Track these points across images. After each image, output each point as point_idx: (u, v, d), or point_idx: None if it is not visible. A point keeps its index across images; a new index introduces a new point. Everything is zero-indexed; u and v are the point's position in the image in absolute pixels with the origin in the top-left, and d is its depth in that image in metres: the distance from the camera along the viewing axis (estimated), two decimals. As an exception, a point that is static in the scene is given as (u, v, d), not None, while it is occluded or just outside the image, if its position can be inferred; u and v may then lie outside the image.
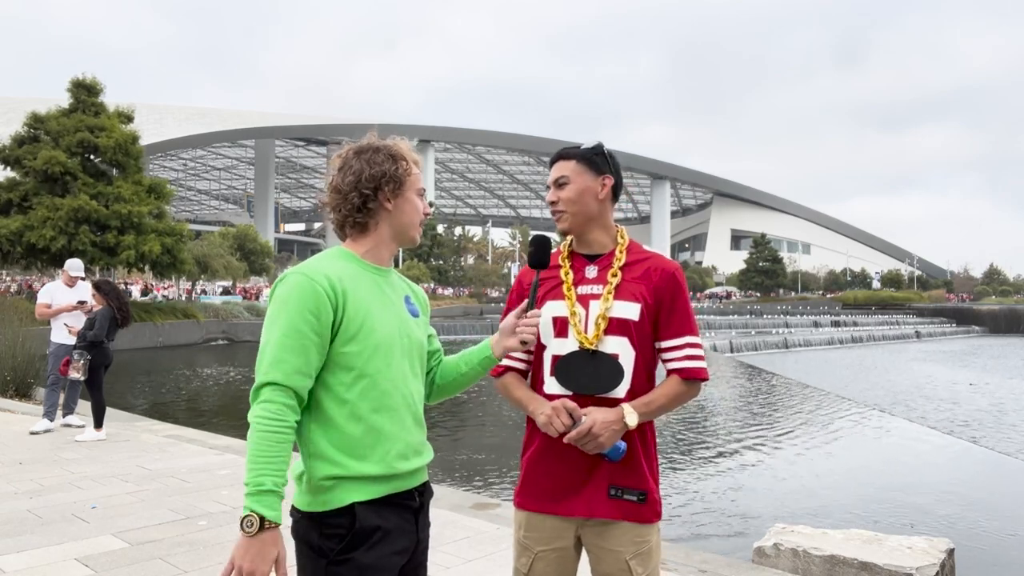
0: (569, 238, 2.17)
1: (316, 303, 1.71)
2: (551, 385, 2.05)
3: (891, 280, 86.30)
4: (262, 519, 1.59)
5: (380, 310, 1.81)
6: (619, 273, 2.06)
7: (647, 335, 2.06)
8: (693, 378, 2.07)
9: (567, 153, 2.13)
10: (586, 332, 2.03)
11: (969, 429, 14.04)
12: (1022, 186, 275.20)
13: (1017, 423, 14.80)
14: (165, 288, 45.47)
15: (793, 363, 28.65)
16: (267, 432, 1.63)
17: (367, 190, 1.84)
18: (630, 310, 2.02)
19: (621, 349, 2.02)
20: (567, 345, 2.04)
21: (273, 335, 1.70)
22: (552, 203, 2.11)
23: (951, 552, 4.14)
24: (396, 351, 1.82)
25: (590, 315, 2.04)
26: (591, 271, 2.09)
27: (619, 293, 2.04)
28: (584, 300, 2.06)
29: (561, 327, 2.06)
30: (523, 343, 1.95)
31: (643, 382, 2.06)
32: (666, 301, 2.06)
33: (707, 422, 13.98)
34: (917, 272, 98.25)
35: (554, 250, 2.16)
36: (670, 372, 2.10)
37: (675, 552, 4.41)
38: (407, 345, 1.86)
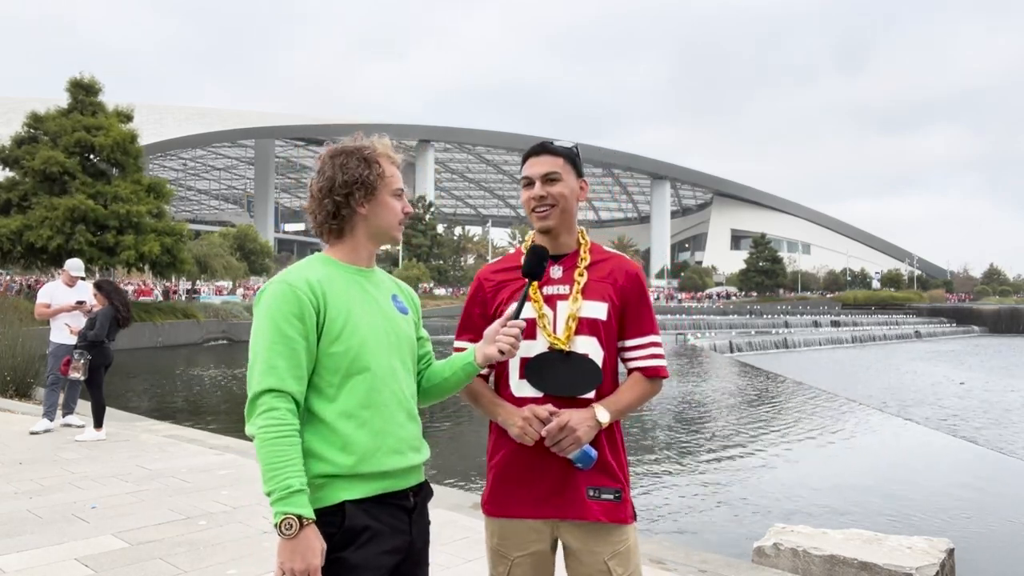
0: (529, 237, 2.14)
1: (299, 307, 1.74)
2: (521, 387, 2.03)
3: (891, 280, 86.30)
4: (300, 519, 1.62)
5: (362, 308, 1.83)
6: (585, 273, 2.05)
7: (614, 335, 2.05)
8: (656, 376, 2.08)
9: (555, 149, 2.06)
10: (556, 333, 2.01)
11: (969, 428, 14.04)
12: (1022, 186, 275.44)
13: (1016, 422, 14.80)
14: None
15: (793, 363, 28.65)
16: (278, 438, 1.66)
17: (339, 197, 1.85)
18: (598, 310, 2.02)
19: (591, 349, 2.01)
20: (536, 347, 2.01)
21: (262, 344, 1.73)
22: (540, 198, 2.03)
23: (951, 552, 4.14)
24: (383, 347, 1.83)
25: (558, 316, 2.02)
26: (556, 271, 2.07)
27: (587, 293, 2.03)
28: (551, 301, 2.04)
29: (529, 328, 2.01)
30: (501, 352, 1.90)
31: (610, 382, 2.06)
32: (632, 301, 2.06)
33: (707, 422, 13.99)
34: (917, 272, 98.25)
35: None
36: (633, 370, 2.09)
37: (675, 552, 4.40)
38: (394, 341, 1.87)
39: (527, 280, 2.00)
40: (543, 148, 2.06)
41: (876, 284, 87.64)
